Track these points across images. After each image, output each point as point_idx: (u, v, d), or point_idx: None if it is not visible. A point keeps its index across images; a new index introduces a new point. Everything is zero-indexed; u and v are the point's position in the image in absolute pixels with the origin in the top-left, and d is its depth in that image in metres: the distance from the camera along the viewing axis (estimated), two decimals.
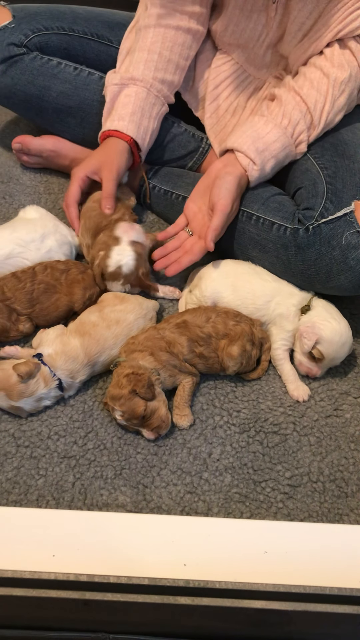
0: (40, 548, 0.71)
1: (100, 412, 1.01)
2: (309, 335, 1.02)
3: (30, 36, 1.28)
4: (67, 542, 0.73)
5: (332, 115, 1.11)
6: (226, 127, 1.32)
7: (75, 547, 0.72)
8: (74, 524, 0.77)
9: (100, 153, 1.18)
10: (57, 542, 0.73)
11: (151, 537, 0.74)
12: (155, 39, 1.19)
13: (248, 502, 0.91)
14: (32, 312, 1.08)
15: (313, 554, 0.73)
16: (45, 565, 0.67)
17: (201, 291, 1.09)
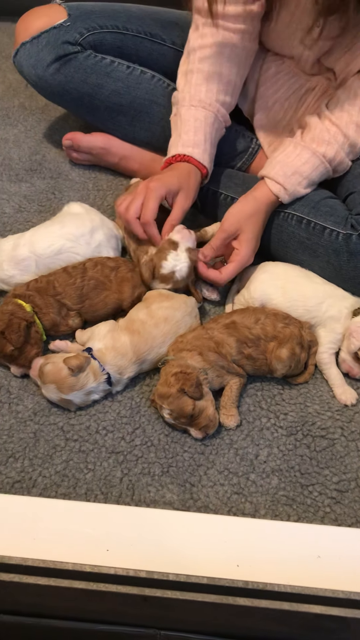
0: (94, 542, 0.72)
1: (147, 409, 1.02)
2: (357, 334, 1.01)
3: (85, 34, 1.29)
4: (119, 537, 0.74)
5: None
6: (276, 128, 1.32)
7: (128, 542, 0.73)
8: (125, 520, 0.78)
9: (181, 176, 1.13)
10: (110, 537, 0.74)
11: (203, 536, 0.75)
12: (212, 60, 1.16)
13: (295, 505, 0.91)
14: (82, 307, 1.09)
15: None
16: (101, 560, 0.68)
17: (249, 293, 1.09)
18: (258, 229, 1.13)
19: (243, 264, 1.12)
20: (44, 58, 1.29)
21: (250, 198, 1.13)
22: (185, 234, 1.11)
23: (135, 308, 1.09)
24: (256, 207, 1.12)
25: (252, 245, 1.12)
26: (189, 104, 1.17)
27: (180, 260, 1.09)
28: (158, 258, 1.09)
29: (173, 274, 1.09)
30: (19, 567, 0.67)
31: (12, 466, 0.93)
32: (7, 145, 1.48)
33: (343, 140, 1.10)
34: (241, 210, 1.11)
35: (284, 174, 1.10)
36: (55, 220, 1.19)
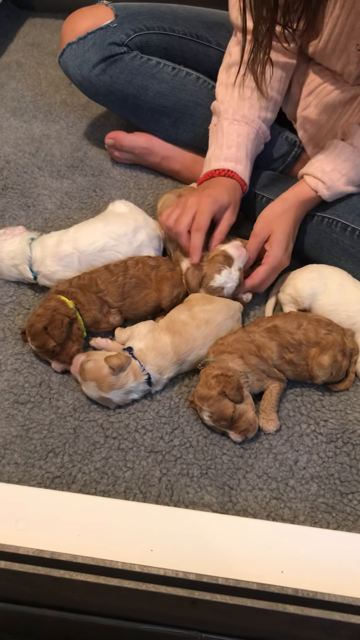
0: (139, 542, 0.72)
1: (186, 409, 1.02)
2: None
3: (132, 36, 1.30)
4: (163, 537, 0.74)
5: None
6: (319, 132, 1.31)
7: (172, 543, 0.73)
8: (167, 520, 0.78)
9: (229, 192, 1.13)
10: (154, 537, 0.74)
11: (248, 540, 0.74)
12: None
13: (334, 513, 0.90)
14: (123, 305, 1.10)
15: None
16: (146, 560, 0.68)
17: (297, 291, 1.08)
18: (289, 228, 1.11)
19: (274, 265, 1.10)
20: (89, 59, 1.29)
21: (279, 200, 1.13)
22: (242, 253, 1.10)
23: (176, 309, 1.09)
24: (285, 207, 1.11)
25: (282, 246, 1.10)
26: (232, 117, 1.17)
27: (233, 279, 1.08)
28: (210, 269, 1.08)
29: (222, 289, 1.09)
30: (69, 564, 0.67)
31: (52, 461, 0.94)
32: (50, 142, 1.49)
33: None
34: (270, 212, 1.12)
35: (322, 170, 1.10)
36: (99, 218, 1.20)
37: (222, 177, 1.15)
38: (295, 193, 1.12)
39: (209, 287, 1.09)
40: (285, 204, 1.12)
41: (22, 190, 1.37)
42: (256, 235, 1.12)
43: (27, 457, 0.94)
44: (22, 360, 1.07)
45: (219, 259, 1.09)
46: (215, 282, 1.08)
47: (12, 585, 0.70)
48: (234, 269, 1.09)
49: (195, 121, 1.33)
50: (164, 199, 1.26)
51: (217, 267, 1.08)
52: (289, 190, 1.13)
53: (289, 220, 1.11)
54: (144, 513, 0.78)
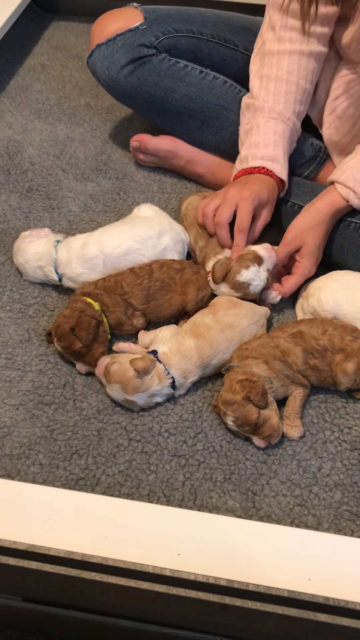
0: (166, 545, 0.72)
1: (210, 414, 1.02)
2: None
3: (161, 38, 1.30)
4: (190, 542, 0.74)
5: None
6: (344, 138, 1.30)
7: (199, 548, 0.73)
8: (193, 524, 0.78)
9: (269, 190, 1.14)
10: (180, 541, 0.74)
11: (274, 546, 0.74)
12: (291, 67, 1.16)
13: (359, 521, 0.89)
14: (147, 308, 1.10)
15: None
16: (174, 564, 0.68)
17: (321, 304, 1.07)
18: (320, 240, 1.13)
19: (305, 275, 1.13)
20: (118, 60, 1.30)
21: (312, 210, 1.12)
22: (272, 255, 1.10)
23: (200, 313, 1.09)
24: (319, 219, 1.11)
25: (314, 258, 1.13)
26: (269, 115, 1.17)
27: (261, 278, 1.08)
28: (238, 264, 1.09)
29: (248, 285, 1.08)
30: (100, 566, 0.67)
31: (76, 463, 0.94)
32: (74, 144, 1.50)
33: None
34: (303, 222, 1.11)
35: (354, 179, 1.09)
36: (124, 221, 1.20)
37: (261, 174, 1.15)
38: (328, 203, 1.11)
39: (235, 281, 1.09)
40: (318, 214, 1.11)
41: (46, 192, 1.38)
42: (287, 245, 1.12)
43: (51, 458, 0.95)
44: (47, 361, 1.07)
45: (249, 256, 1.09)
46: (241, 277, 1.08)
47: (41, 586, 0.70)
48: (262, 269, 1.09)
49: (221, 125, 1.33)
50: (188, 201, 1.27)
51: (246, 263, 1.08)
52: (321, 199, 1.13)
53: (322, 233, 1.12)
54: (169, 516, 0.78)
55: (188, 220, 1.22)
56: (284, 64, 1.16)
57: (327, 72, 1.30)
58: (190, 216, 1.22)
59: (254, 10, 1.33)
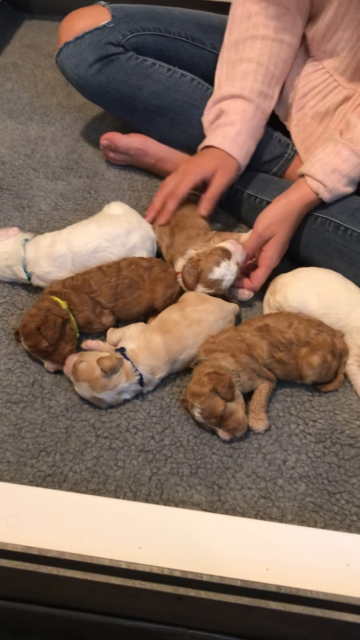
0: (127, 539, 0.73)
1: (177, 409, 1.03)
2: None
3: (128, 36, 1.31)
4: (151, 535, 0.75)
5: None
6: (312, 135, 1.32)
7: (160, 541, 0.74)
8: (156, 518, 0.79)
9: (217, 159, 1.19)
10: (142, 535, 0.75)
11: (234, 538, 0.75)
12: (262, 51, 1.19)
13: (322, 512, 0.91)
14: (115, 306, 1.11)
15: None
16: (134, 557, 0.69)
17: (286, 300, 1.09)
18: (290, 232, 1.15)
19: (272, 267, 1.15)
20: (86, 58, 1.31)
21: (284, 202, 1.13)
22: (239, 249, 1.12)
23: (168, 309, 1.10)
24: (290, 211, 1.13)
25: (281, 249, 1.15)
26: (232, 94, 1.20)
27: (231, 272, 1.10)
28: (208, 262, 1.10)
29: (220, 282, 1.10)
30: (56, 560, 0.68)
31: (44, 460, 0.95)
32: (45, 143, 1.50)
33: None
34: (276, 214, 1.13)
35: (323, 172, 1.11)
36: (93, 219, 1.20)
37: (214, 149, 1.20)
38: (300, 196, 1.13)
39: (208, 280, 1.10)
40: (290, 207, 1.13)
41: (17, 191, 1.38)
42: (260, 236, 1.13)
43: (19, 455, 0.95)
44: (15, 360, 1.08)
45: (218, 252, 1.11)
46: (214, 275, 1.09)
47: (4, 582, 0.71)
48: (232, 263, 1.10)
49: (189, 122, 1.34)
50: None
51: (216, 259, 1.09)
52: (293, 192, 1.14)
53: (292, 225, 1.14)
54: (132, 511, 0.79)
55: None
56: (255, 47, 1.19)
57: (295, 70, 1.31)
58: None
59: (223, 8, 1.33)
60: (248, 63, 1.20)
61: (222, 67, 1.25)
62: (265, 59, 1.20)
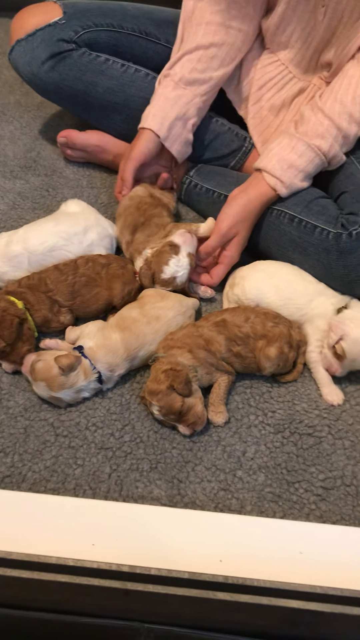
0: (80, 536, 0.73)
1: (137, 405, 1.03)
2: (336, 329, 1.02)
3: (80, 32, 1.30)
4: (106, 532, 0.75)
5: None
6: (269, 128, 1.33)
7: (114, 537, 0.74)
8: (111, 515, 0.79)
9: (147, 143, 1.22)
10: (97, 532, 0.75)
11: (188, 531, 0.76)
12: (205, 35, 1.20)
13: (281, 502, 0.92)
14: (73, 304, 1.10)
15: (349, 557, 0.74)
16: (86, 554, 0.69)
17: (244, 293, 1.09)
18: (250, 230, 1.16)
19: (232, 264, 1.16)
20: (38, 55, 1.29)
21: (245, 200, 1.14)
22: (187, 238, 1.12)
23: (128, 306, 1.10)
24: (251, 209, 1.14)
25: (242, 247, 1.17)
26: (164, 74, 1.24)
27: (182, 266, 1.10)
28: (158, 263, 1.10)
29: (174, 279, 1.10)
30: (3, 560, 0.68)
31: (2, 461, 0.94)
32: (3, 142, 1.49)
33: (336, 133, 1.10)
34: (238, 213, 1.13)
35: (280, 168, 1.12)
36: (49, 217, 1.20)
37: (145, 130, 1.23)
38: (259, 194, 1.13)
39: (162, 280, 1.10)
40: (250, 205, 1.13)
41: None
42: (224, 236, 1.14)
43: None
44: None
45: (165, 249, 1.11)
46: (165, 274, 1.10)
47: None
48: (182, 256, 1.10)
49: None
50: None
51: (165, 258, 1.10)
52: (252, 189, 1.14)
53: (252, 222, 1.16)
54: (89, 509, 0.79)
55: (118, 209, 1.23)
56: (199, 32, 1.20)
57: (251, 63, 1.32)
58: (121, 205, 1.23)
59: (176, 3, 1.33)
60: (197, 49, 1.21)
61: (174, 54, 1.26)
62: (206, 42, 1.20)
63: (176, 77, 1.22)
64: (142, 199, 1.22)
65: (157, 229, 1.17)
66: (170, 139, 1.21)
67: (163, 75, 1.25)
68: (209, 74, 1.23)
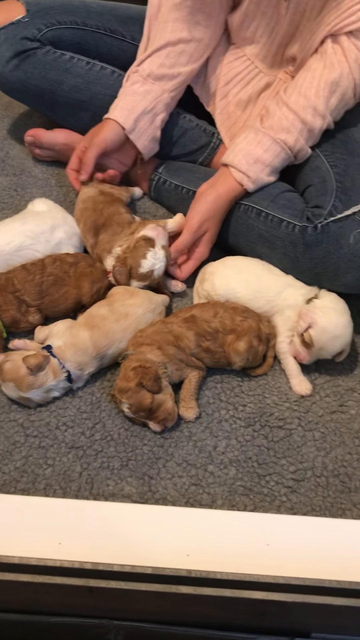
0: (47, 536, 0.73)
1: (108, 403, 1.02)
2: (305, 317, 1.03)
3: (44, 30, 1.29)
4: (73, 530, 0.75)
5: (328, 118, 1.11)
6: (237, 123, 1.33)
7: (82, 535, 0.74)
8: (80, 513, 0.79)
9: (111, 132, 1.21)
10: (64, 531, 0.75)
11: (155, 527, 0.76)
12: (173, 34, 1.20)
13: (252, 495, 0.92)
14: (42, 303, 1.10)
15: (315, 547, 0.74)
16: (52, 553, 0.69)
17: (214, 289, 1.10)
18: (219, 225, 1.17)
19: (202, 259, 1.17)
20: (2, 54, 1.28)
21: (214, 196, 1.14)
22: (160, 232, 1.12)
23: (97, 304, 1.09)
24: (220, 205, 1.14)
25: (212, 242, 1.17)
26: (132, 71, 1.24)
27: (159, 259, 1.10)
28: (134, 257, 1.09)
29: (152, 272, 1.10)
30: None
31: None
32: None
33: (301, 127, 1.11)
34: (208, 210, 1.14)
35: (246, 163, 1.12)
36: (16, 217, 1.19)
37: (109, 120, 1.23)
38: (227, 190, 1.14)
39: (140, 274, 1.10)
40: (219, 201, 1.14)
41: None
42: (195, 233, 1.14)
43: None
44: None
45: (140, 243, 1.10)
46: (144, 268, 1.09)
47: None
48: (157, 249, 1.10)
49: None
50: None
51: (141, 251, 1.09)
52: (220, 184, 1.14)
53: (221, 218, 1.16)
54: (56, 508, 0.79)
55: (75, 214, 1.22)
56: (167, 29, 1.20)
57: (217, 58, 1.32)
58: (77, 209, 1.22)
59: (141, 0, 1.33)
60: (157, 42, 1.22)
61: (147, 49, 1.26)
62: (174, 38, 1.20)
63: (144, 72, 1.22)
64: (95, 199, 1.21)
65: (119, 227, 1.17)
66: (137, 132, 1.21)
67: (131, 71, 1.25)
68: (177, 69, 1.23)
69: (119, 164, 1.27)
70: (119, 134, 1.21)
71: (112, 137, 1.20)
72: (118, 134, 1.20)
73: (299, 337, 1.04)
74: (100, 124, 1.23)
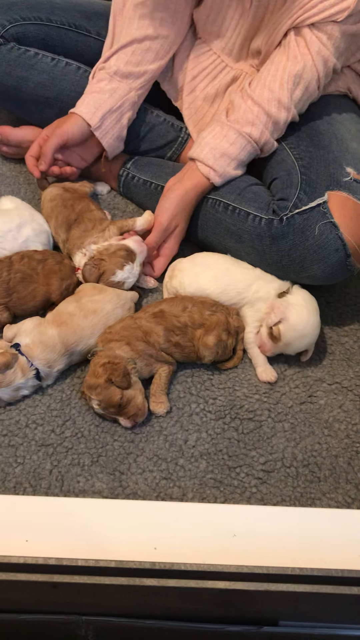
0: (14, 533, 0.73)
1: (78, 400, 1.02)
2: (277, 311, 1.04)
3: (7, 27, 1.28)
4: (41, 527, 0.75)
5: (293, 110, 1.11)
6: (205, 118, 1.33)
7: (49, 532, 0.73)
8: (48, 510, 0.79)
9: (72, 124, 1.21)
10: (31, 528, 0.75)
11: (123, 521, 0.76)
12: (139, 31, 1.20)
13: (222, 487, 0.92)
14: (9, 301, 1.09)
15: (281, 536, 0.75)
16: (17, 550, 0.69)
17: (183, 286, 1.10)
18: (188, 220, 1.18)
19: (172, 255, 1.18)
20: None
21: (182, 191, 1.14)
22: (144, 249, 1.12)
23: (65, 301, 1.09)
24: (188, 200, 1.15)
25: (181, 238, 1.18)
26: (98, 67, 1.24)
27: (134, 274, 1.10)
28: (110, 264, 1.09)
29: (122, 284, 1.10)
30: None
31: None
32: None
33: (266, 120, 1.11)
34: (177, 206, 1.14)
35: (212, 157, 1.12)
36: None
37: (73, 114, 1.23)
38: (194, 185, 1.14)
39: (110, 281, 1.10)
40: (187, 196, 1.14)
41: None
42: (165, 230, 1.15)
43: None
44: None
45: (121, 253, 1.10)
46: (116, 277, 1.09)
47: None
48: (136, 264, 1.10)
49: None
50: (45, 194, 1.25)
51: (120, 262, 1.09)
52: (187, 179, 1.15)
53: (190, 213, 1.17)
54: (23, 505, 0.79)
55: (45, 213, 1.22)
56: (133, 26, 1.21)
57: (184, 53, 1.32)
58: (46, 208, 1.22)
59: None
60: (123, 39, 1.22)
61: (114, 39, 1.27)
62: (140, 35, 1.20)
63: (111, 70, 1.22)
64: (62, 196, 1.21)
65: (91, 223, 1.17)
66: (103, 130, 1.21)
67: (98, 68, 1.25)
68: (144, 67, 1.23)
69: (79, 159, 1.27)
70: (83, 129, 1.20)
71: (75, 131, 1.20)
72: (82, 129, 1.20)
73: (267, 329, 1.04)
74: (66, 117, 1.22)
